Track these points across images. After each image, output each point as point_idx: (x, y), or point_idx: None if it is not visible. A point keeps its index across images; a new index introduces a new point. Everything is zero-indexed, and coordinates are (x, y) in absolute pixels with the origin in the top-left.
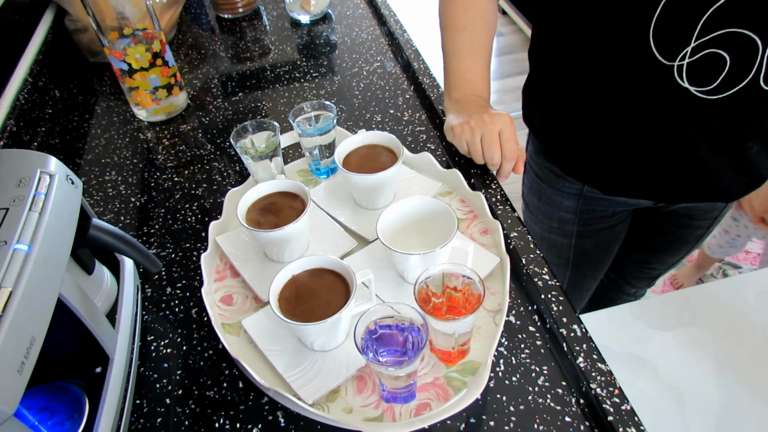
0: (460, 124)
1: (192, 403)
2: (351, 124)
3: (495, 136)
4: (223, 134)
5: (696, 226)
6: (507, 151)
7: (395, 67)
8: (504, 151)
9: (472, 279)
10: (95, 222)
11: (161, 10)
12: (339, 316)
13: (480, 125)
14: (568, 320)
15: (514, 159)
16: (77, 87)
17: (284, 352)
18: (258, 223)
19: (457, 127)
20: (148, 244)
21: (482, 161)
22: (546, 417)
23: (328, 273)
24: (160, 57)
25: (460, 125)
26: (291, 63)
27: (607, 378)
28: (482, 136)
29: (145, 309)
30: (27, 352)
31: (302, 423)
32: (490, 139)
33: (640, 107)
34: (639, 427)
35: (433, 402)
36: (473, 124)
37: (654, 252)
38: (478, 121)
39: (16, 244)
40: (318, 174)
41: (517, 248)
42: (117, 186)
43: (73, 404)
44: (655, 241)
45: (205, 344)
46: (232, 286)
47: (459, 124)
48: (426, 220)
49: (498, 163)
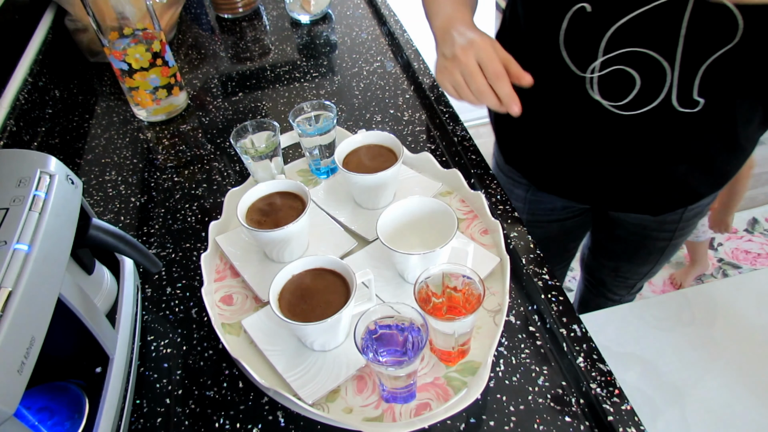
0: (439, 67)
1: (192, 403)
2: (351, 124)
3: (474, 68)
4: (223, 134)
5: (654, 237)
6: (491, 76)
7: (395, 67)
8: (488, 77)
9: (472, 279)
10: (95, 222)
11: (161, 10)
12: (339, 316)
13: (455, 62)
14: (568, 320)
15: (502, 78)
16: (77, 87)
17: (284, 352)
18: (258, 223)
19: (438, 74)
20: (148, 244)
21: (475, 100)
22: (546, 417)
23: (328, 273)
24: (160, 57)
25: (439, 69)
26: (291, 63)
27: (607, 378)
28: (462, 74)
29: (145, 309)
30: (27, 352)
31: (302, 423)
32: (471, 72)
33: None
34: (639, 427)
35: (433, 402)
36: (449, 64)
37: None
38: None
39: (16, 244)
40: (318, 174)
41: (517, 248)
42: (117, 186)
43: (73, 404)
44: (618, 249)
45: (205, 344)
46: (232, 286)
47: (438, 67)
48: (426, 220)
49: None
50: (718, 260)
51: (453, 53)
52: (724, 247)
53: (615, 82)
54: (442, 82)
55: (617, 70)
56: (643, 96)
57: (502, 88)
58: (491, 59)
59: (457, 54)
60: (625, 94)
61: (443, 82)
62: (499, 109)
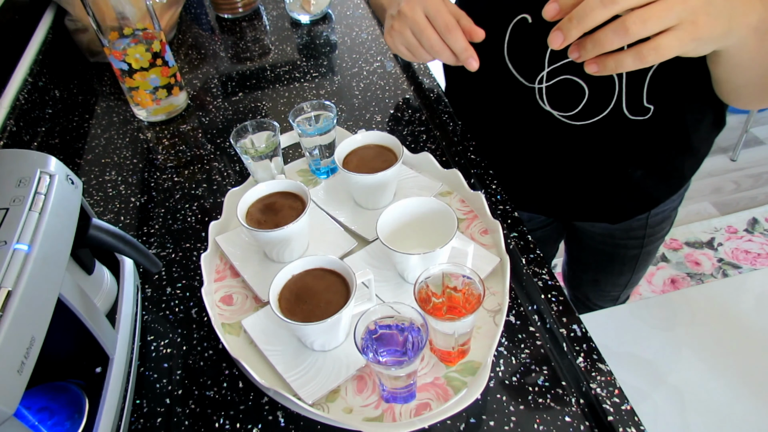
0: (387, 29)
1: (192, 403)
2: (351, 124)
3: (423, 22)
4: (223, 134)
5: (623, 245)
6: (441, 28)
7: (395, 67)
8: (439, 30)
9: (472, 279)
10: (95, 222)
11: (161, 10)
12: (339, 316)
13: (402, 19)
14: (568, 320)
15: (453, 30)
16: (77, 87)
17: (284, 352)
18: (258, 223)
19: (387, 37)
20: (148, 244)
21: (429, 57)
22: (546, 417)
23: (328, 273)
24: (160, 57)
25: (387, 31)
26: (291, 63)
27: (607, 378)
28: (411, 31)
29: (145, 309)
30: (27, 352)
31: (302, 423)
32: (420, 27)
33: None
34: (639, 427)
35: (433, 402)
36: (396, 23)
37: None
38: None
39: (16, 244)
40: (318, 174)
41: (517, 248)
42: (117, 186)
43: (73, 404)
44: (591, 260)
45: (205, 344)
46: (232, 286)
47: (386, 29)
48: (426, 220)
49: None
50: (718, 260)
51: (399, 9)
52: (724, 247)
53: (564, 93)
54: (393, 44)
55: (566, 80)
56: (593, 105)
57: (455, 42)
58: (439, 11)
59: (403, 9)
60: (575, 104)
61: (394, 43)
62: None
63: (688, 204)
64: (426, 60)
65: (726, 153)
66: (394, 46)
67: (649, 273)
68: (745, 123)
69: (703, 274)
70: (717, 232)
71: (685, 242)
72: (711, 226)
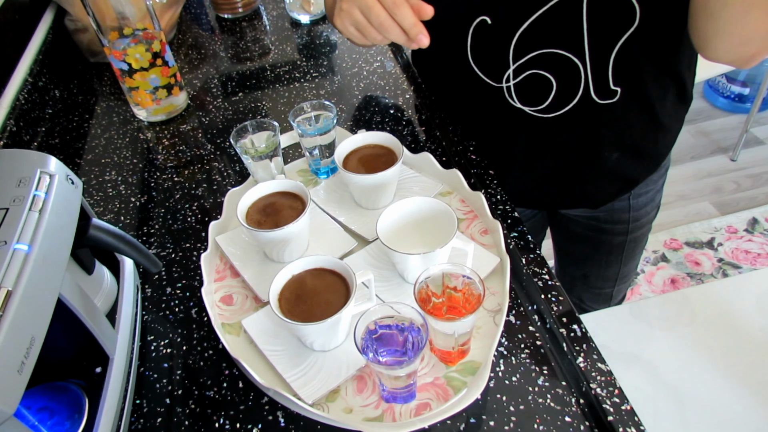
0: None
1: (192, 403)
2: (351, 124)
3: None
4: (223, 134)
5: (609, 231)
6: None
7: (395, 67)
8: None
9: (472, 279)
10: (95, 222)
11: (161, 10)
12: (339, 316)
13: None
14: (568, 320)
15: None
16: (77, 87)
17: (284, 352)
18: (258, 223)
19: (336, 20)
20: (148, 244)
21: (379, 37)
22: (546, 417)
23: (328, 273)
24: (160, 57)
25: (336, 13)
26: (291, 63)
27: (607, 378)
28: (360, 9)
29: (145, 309)
30: (27, 352)
31: (302, 423)
32: (368, 5)
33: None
34: (639, 427)
35: (433, 402)
36: (345, 5)
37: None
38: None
39: (16, 244)
40: (318, 174)
41: (517, 248)
42: (117, 186)
43: (73, 404)
44: (578, 250)
45: (205, 344)
46: (232, 286)
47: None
48: (426, 220)
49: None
50: (718, 260)
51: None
52: (724, 247)
53: (532, 88)
54: (342, 25)
55: (532, 75)
56: (563, 95)
57: (404, 18)
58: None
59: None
60: (545, 97)
61: (344, 24)
62: (407, 44)
63: (688, 204)
64: (377, 40)
65: (726, 153)
66: (344, 28)
67: (649, 273)
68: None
69: (703, 274)
70: (717, 232)
71: (685, 242)
72: (711, 226)
